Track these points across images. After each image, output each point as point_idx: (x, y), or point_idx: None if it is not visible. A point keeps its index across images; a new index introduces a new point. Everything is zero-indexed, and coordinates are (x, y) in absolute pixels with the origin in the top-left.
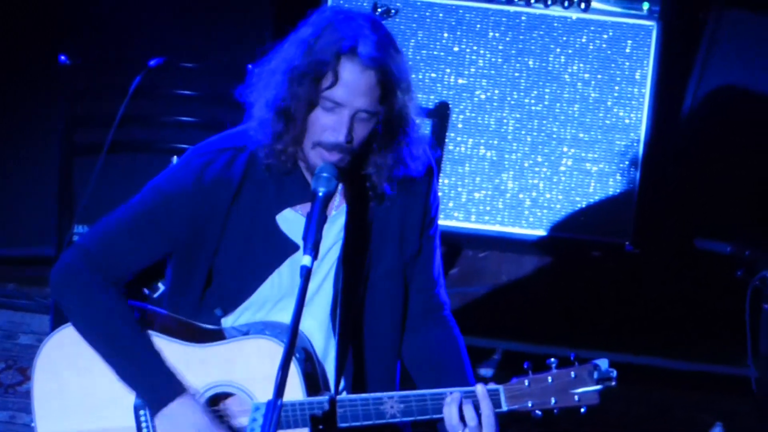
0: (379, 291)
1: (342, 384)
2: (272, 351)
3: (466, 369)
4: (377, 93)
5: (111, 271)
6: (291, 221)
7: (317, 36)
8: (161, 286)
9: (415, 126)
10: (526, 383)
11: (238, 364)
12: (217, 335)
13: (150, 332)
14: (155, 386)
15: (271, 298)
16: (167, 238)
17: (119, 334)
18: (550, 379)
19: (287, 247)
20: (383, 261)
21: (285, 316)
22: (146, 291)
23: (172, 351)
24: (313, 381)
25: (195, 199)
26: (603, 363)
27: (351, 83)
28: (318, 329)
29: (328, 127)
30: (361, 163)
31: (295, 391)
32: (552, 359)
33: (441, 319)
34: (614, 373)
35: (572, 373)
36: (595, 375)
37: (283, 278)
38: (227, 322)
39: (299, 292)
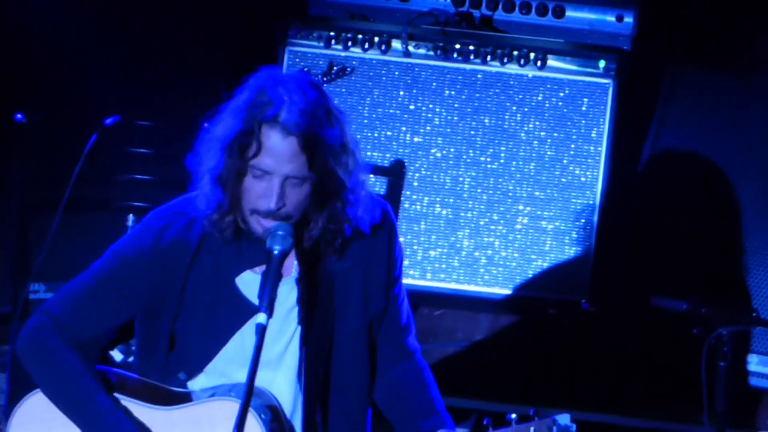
0: (345, 350)
1: None
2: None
3: (436, 401)
4: (303, 158)
5: (76, 335)
6: (250, 283)
7: (248, 103)
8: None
9: (357, 186)
10: None
11: (204, 425)
12: (184, 398)
13: (118, 395)
14: None
15: (236, 361)
16: (129, 302)
17: (85, 394)
18: None
19: (247, 309)
20: (348, 321)
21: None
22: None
23: (139, 414)
24: None
25: (154, 262)
26: (563, 418)
27: (274, 151)
28: (287, 389)
29: (260, 194)
30: (310, 224)
31: None
32: (512, 415)
33: (412, 362)
34: (573, 428)
35: (531, 428)
36: (555, 430)
37: (246, 340)
38: (194, 385)
39: (254, 350)
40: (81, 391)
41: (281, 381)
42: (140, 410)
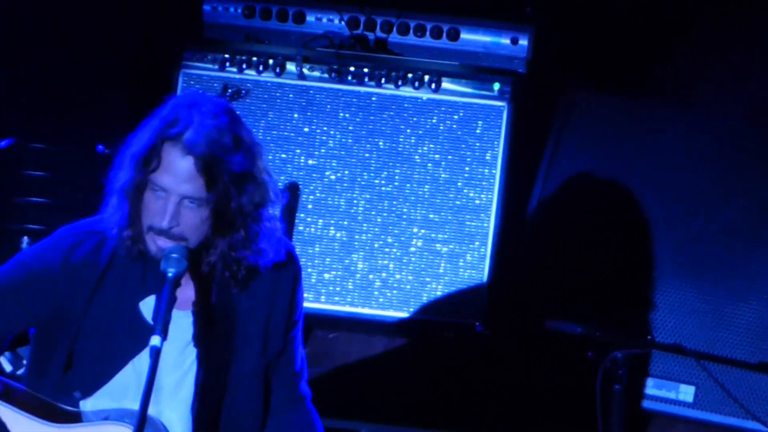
0: (240, 389)
1: None
2: None
3: None
4: (201, 181)
5: None
6: (153, 308)
7: (160, 120)
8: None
9: (262, 217)
10: None
11: None
12: (75, 417)
13: (6, 405)
14: None
15: (132, 385)
16: (27, 313)
17: None
18: None
19: (148, 334)
20: (246, 360)
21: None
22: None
23: (26, 427)
24: None
25: (60, 279)
26: None
27: (171, 169)
28: (179, 422)
29: (156, 211)
30: (209, 249)
31: None
32: None
33: (303, 407)
34: None
35: None
36: None
37: (143, 365)
38: (86, 405)
39: (148, 373)
40: None
41: (174, 412)
42: (29, 423)
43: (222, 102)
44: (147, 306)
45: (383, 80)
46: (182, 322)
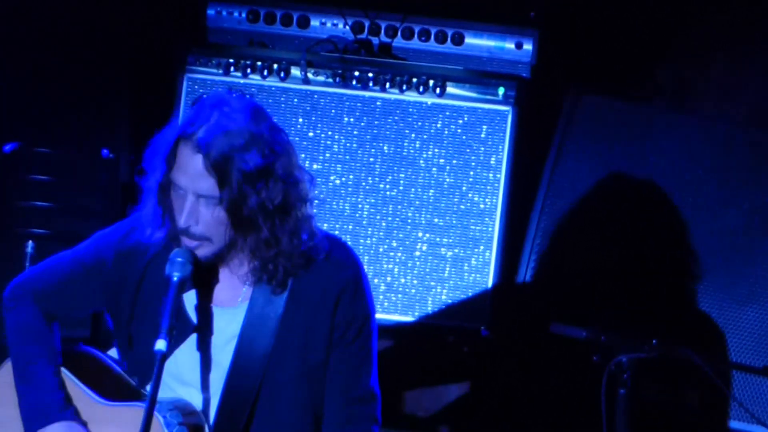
0: (277, 398)
1: None
2: (137, 420)
3: None
4: (212, 179)
5: (45, 305)
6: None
7: (183, 120)
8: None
9: (290, 217)
10: None
11: (110, 427)
12: (136, 396)
13: (68, 374)
14: (44, 405)
15: (175, 376)
16: (92, 288)
17: (29, 356)
18: None
19: (187, 327)
20: (284, 367)
21: (186, 395)
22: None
23: (79, 397)
24: None
25: (112, 260)
26: None
27: (183, 166)
28: None
29: (177, 211)
30: (238, 252)
31: None
32: None
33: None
34: None
35: None
36: None
37: (184, 356)
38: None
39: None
40: (27, 353)
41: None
42: (79, 395)
43: (250, 102)
44: (189, 299)
45: (387, 85)
46: (222, 319)
